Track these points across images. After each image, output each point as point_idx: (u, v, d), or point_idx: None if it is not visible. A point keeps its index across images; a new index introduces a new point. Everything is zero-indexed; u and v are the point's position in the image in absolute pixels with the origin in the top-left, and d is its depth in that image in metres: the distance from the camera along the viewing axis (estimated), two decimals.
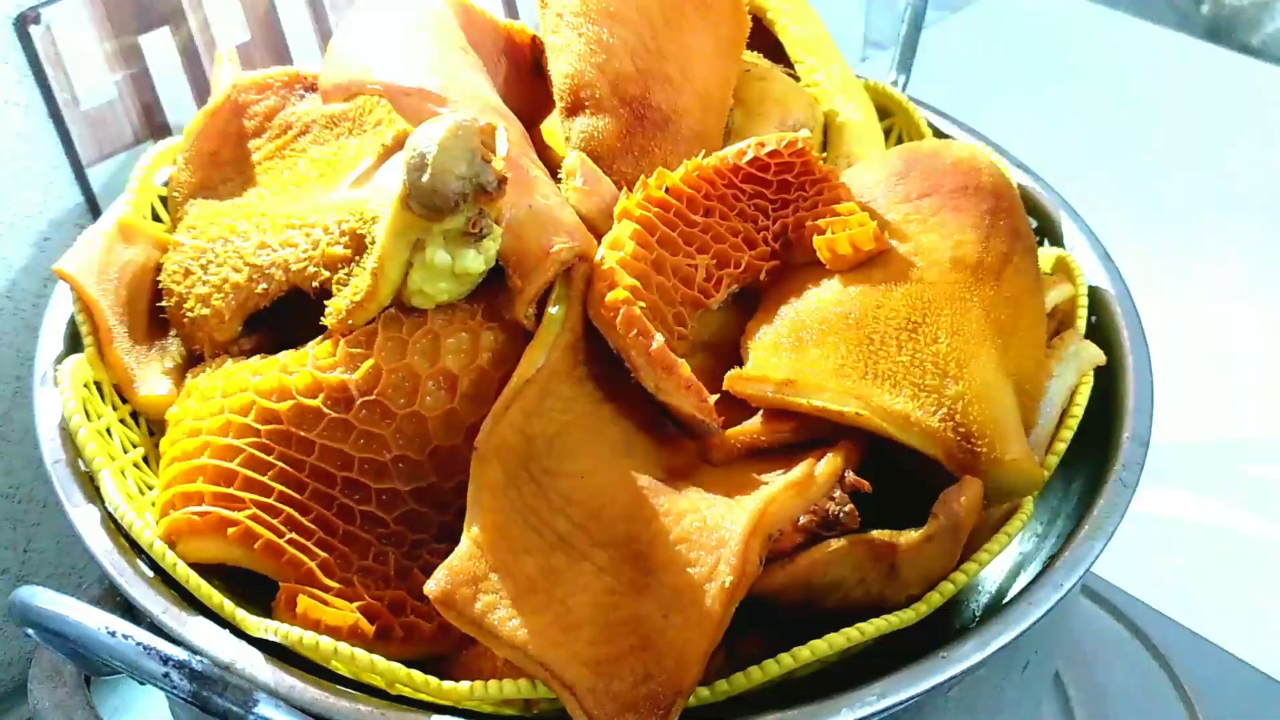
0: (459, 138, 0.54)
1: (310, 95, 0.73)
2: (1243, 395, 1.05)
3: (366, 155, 0.67)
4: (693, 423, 0.58)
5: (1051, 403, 0.61)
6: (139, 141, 0.83)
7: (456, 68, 0.64)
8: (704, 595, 0.51)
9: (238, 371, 0.60)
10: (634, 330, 0.56)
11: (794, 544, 0.54)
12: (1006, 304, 0.60)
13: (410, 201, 0.55)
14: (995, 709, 0.61)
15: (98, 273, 0.66)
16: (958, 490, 0.54)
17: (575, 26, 0.66)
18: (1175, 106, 1.36)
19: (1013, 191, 0.65)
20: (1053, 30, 1.48)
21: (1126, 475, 0.60)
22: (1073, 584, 0.56)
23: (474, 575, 0.52)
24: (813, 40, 0.76)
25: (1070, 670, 0.85)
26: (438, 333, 0.59)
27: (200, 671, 0.52)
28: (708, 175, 0.62)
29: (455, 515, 0.56)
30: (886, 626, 0.53)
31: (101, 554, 0.57)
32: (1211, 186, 1.26)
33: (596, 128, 0.65)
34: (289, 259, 0.62)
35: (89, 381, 0.64)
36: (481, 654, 0.55)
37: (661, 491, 0.55)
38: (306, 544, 0.56)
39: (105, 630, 0.52)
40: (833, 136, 0.74)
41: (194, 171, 0.71)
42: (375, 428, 0.58)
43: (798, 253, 0.63)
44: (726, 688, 0.52)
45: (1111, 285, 0.70)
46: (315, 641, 0.53)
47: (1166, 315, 1.05)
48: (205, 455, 0.58)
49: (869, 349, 0.58)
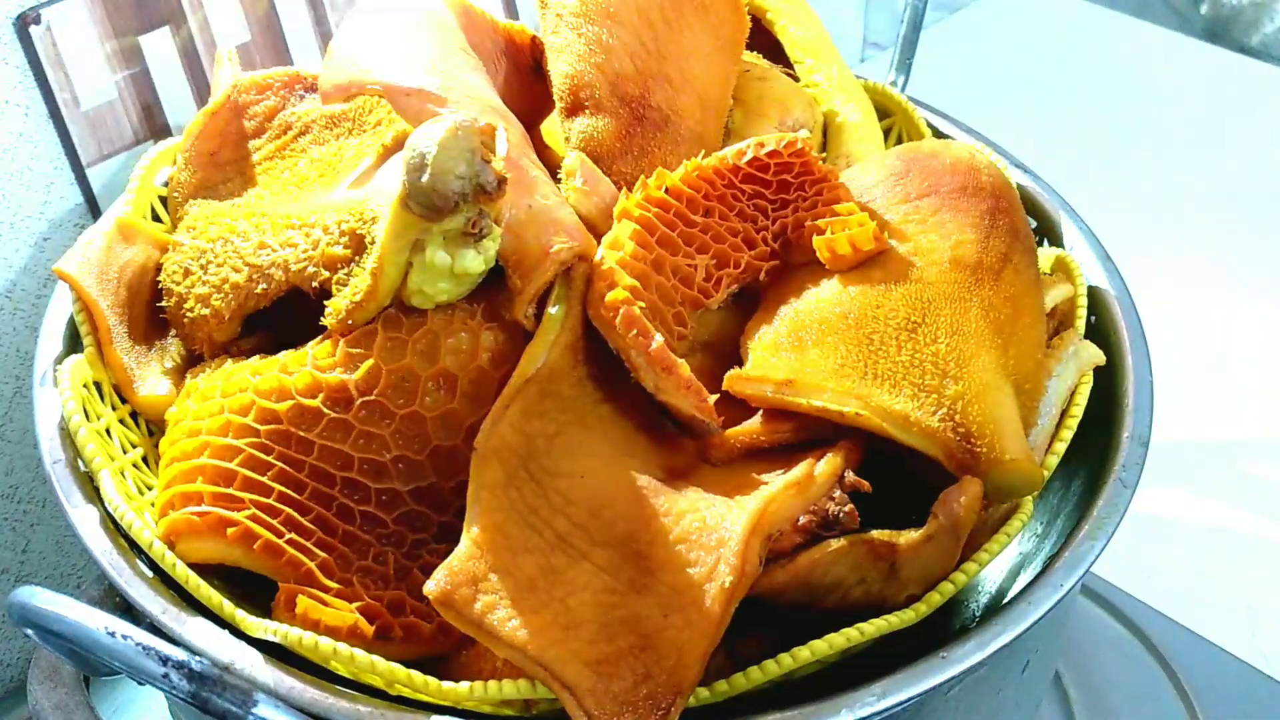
0: (459, 138, 0.54)
1: (310, 95, 0.73)
2: (1242, 395, 1.05)
3: (366, 155, 0.67)
4: (692, 423, 0.58)
5: (1051, 403, 0.61)
6: (139, 142, 0.83)
7: (456, 68, 0.64)
8: (704, 595, 0.51)
9: (237, 372, 0.60)
10: (633, 330, 0.56)
11: (794, 544, 0.54)
12: (1006, 304, 0.60)
13: (410, 202, 0.55)
14: (995, 709, 0.61)
15: (97, 273, 0.66)
16: (957, 490, 0.54)
17: (575, 27, 0.66)
18: (1174, 107, 1.36)
19: (1012, 191, 0.65)
20: (1051, 30, 1.48)
21: (1126, 475, 0.60)
22: (1073, 584, 0.56)
23: (473, 575, 0.52)
24: (812, 41, 0.76)
25: (1070, 670, 0.85)
26: (437, 333, 0.59)
27: (199, 672, 0.52)
28: (707, 175, 0.62)
29: (455, 515, 0.56)
30: (886, 627, 0.53)
31: (101, 554, 0.57)
32: (1210, 186, 1.26)
33: (596, 128, 0.65)
34: (289, 259, 0.62)
35: (89, 382, 0.64)
36: (481, 654, 0.55)
37: (661, 491, 0.55)
38: (306, 544, 0.56)
39: (104, 630, 0.52)
40: (832, 137, 0.74)
41: (194, 172, 0.71)
42: (375, 428, 0.58)
43: (797, 253, 0.63)
44: (726, 688, 0.52)
45: (1111, 285, 0.70)
46: (315, 642, 0.53)
47: (1166, 315, 1.05)
48: (205, 455, 0.58)
49: (869, 349, 0.58)
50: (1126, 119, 1.34)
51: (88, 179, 0.82)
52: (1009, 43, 1.47)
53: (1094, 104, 1.37)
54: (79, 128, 0.80)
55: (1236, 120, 1.34)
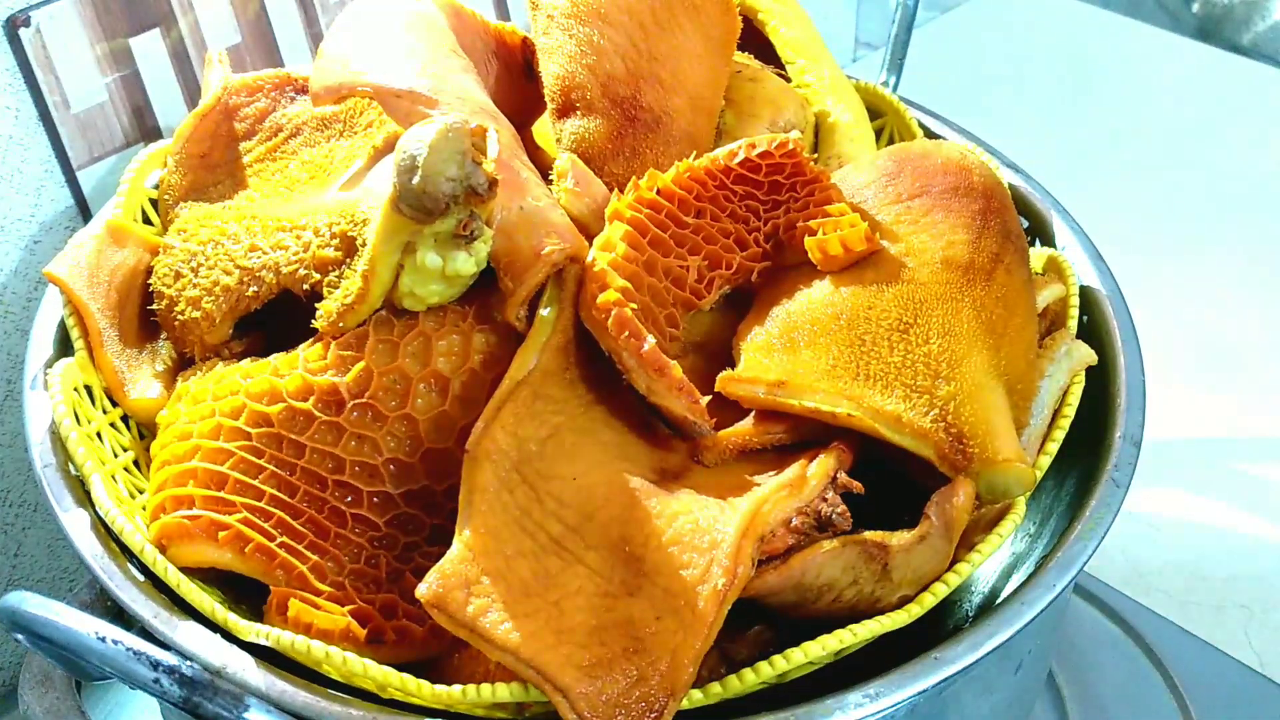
0: (449, 140, 0.54)
1: (301, 97, 0.73)
2: (1234, 394, 1.06)
3: (357, 157, 0.67)
4: (685, 424, 0.58)
5: (1043, 403, 0.61)
6: (130, 144, 0.83)
7: (447, 70, 0.64)
8: (697, 597, 0.51)
9: (229, 374, 0.60)
10: (625, 332, 0.56)
11: (786, 545, 0.54)
12: (998, 304, 0.60)
13: (401, 204, 0.55)
14: (989, 710, 0.61)
15: (88, 276, 0.66)
16: (950, 491, 0.54)
17: (566, 28, 0.66)
18: (1166, 106, 1.36)
19: (1004, 191, 0.65)
20: (1043, 30, 1.48)
21: (1119, 475, 0.60)
22: (1066, 584, 0.56)
23: (466, 578, 0.52)
24: (803, 41, 0.76)
25: (1064, 670, 0.85)
26: (429, 335, 0.59)
27: (191, 676, 0.51)
28: (699, 176, 0.62)
29: (447, 518, 0.56)
30: (879, 628, 0.53)
31: (92, 558, 0.57)
32: (1203, 185, 1.26)
33: (587, 129, 0.65)
34: (279, 261, 0.62)
35: (79, 385, 0.64)
36: (473, 657, 0.55)
37: (654, 493, 0.55)
38: (298, 547, 0.56)
39: (95, 635, 0.52)
40: (824, 137, 0.74)
41: (184, 174, 0.71)
42: (367, 430, 0.58)
43: (789, 254, 0.63)
44: (719, 690, 0.52)
45: (1103, 285, 0.70)
46: (307, 645, 0.53)
47: (1158, 314, 1.05)
48: (196, 459, 0.58)
49: (861, 350, 0.58)
50: (1119, 118, 1.34)
51: (78, 181, 0.81)
52: (1001, 42, 1.47)
53: (1086, 103, 1.37)
54: (69, 130, 0.80)
55: (1229, 119, 1.34)
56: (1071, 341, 0.64)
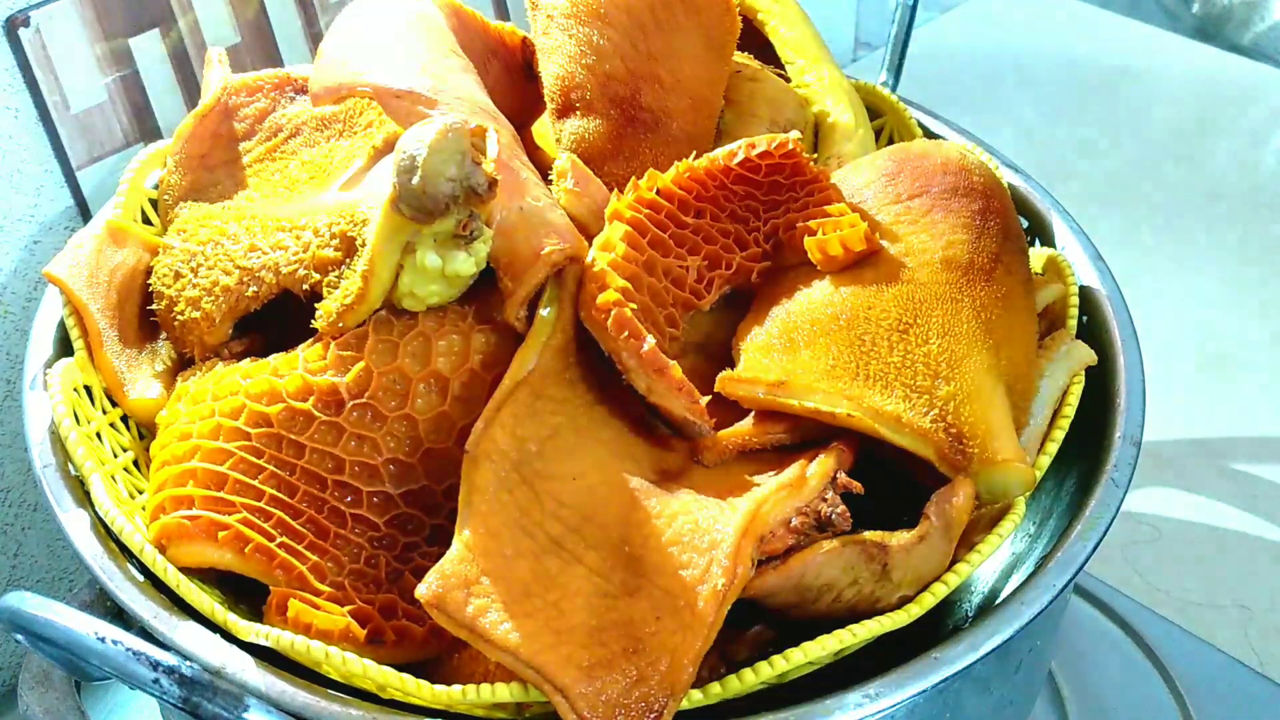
0: (449, 140, 0.54)
1: (301, 97, 0.73)
2: (1234, 394, 1.06)
3: (357, 158, 0.67)
4: (684, 424, 0.58)
5: (1043, 403, 0.61)
6: (129, 144, 0.83)
7: (447, 70, 0.64)
8: (696, 597, 0.51)
9: (228, 375, 0.60)
10: (625, 332, 0.56)
11: (786, 545, 0.54)
12: (998, 304, 0.60)
13: (400, 204, 0.55)
14: (988, 710, 0.61)
15: (88, 276, 0.66)
16: (950, 491, 0.54)
17: (565, 28, 0.66)
18: (1165, 106, 1.36)
19: (1003, 191, 0.65)
20: (1043, 30, 1.48)
21: (1118, 475, 0.60)
22: (1065, 584, 0.56)
23: (465, 578, 0.52)
24: (803, 41, 0.76)
25: (1064, 670, 0.85)
26: (429, 335, 0.59)
27: (190, 677, 0.51)
28: (698, 176, 0.62)
29: (447, 518, 0.56)
30: (879, 628, 0.53)
31: (91, 558, 0.57)
32: (1202, 185, 1.26)
33: (587, 129, 0.65)
34: (279, 261, 0.62)
35: (79, 385, 0.64)
36: (473, 658, 0.55)
37: (654, 494, 0.55)
38: (297, 548, 0.56)
39: (95, 635, 0.52)
40: (823, 137, 0.73)
41: (184, 174, 0.71)
42: (366, 430, 0.58)
43: (789, 254, 0.63)
44: (719, 690, 0.52)
45: (1102, 285, 0.70)
46: (306, 646, 0.53)
47: (1158, 314, 1.05)
48: (196, 459, 0.58)
49: (860, 350, 0.58)
50: (1118, 118, 1.34)
51: (78, 182, 0.81)
52: (1000, 42, 1.47)
53: (1085, 103, 1.37)
54: (69, 130, 0.80)
55: (1228, 119, 1.34)
56: (1071, 341, 0.64)
